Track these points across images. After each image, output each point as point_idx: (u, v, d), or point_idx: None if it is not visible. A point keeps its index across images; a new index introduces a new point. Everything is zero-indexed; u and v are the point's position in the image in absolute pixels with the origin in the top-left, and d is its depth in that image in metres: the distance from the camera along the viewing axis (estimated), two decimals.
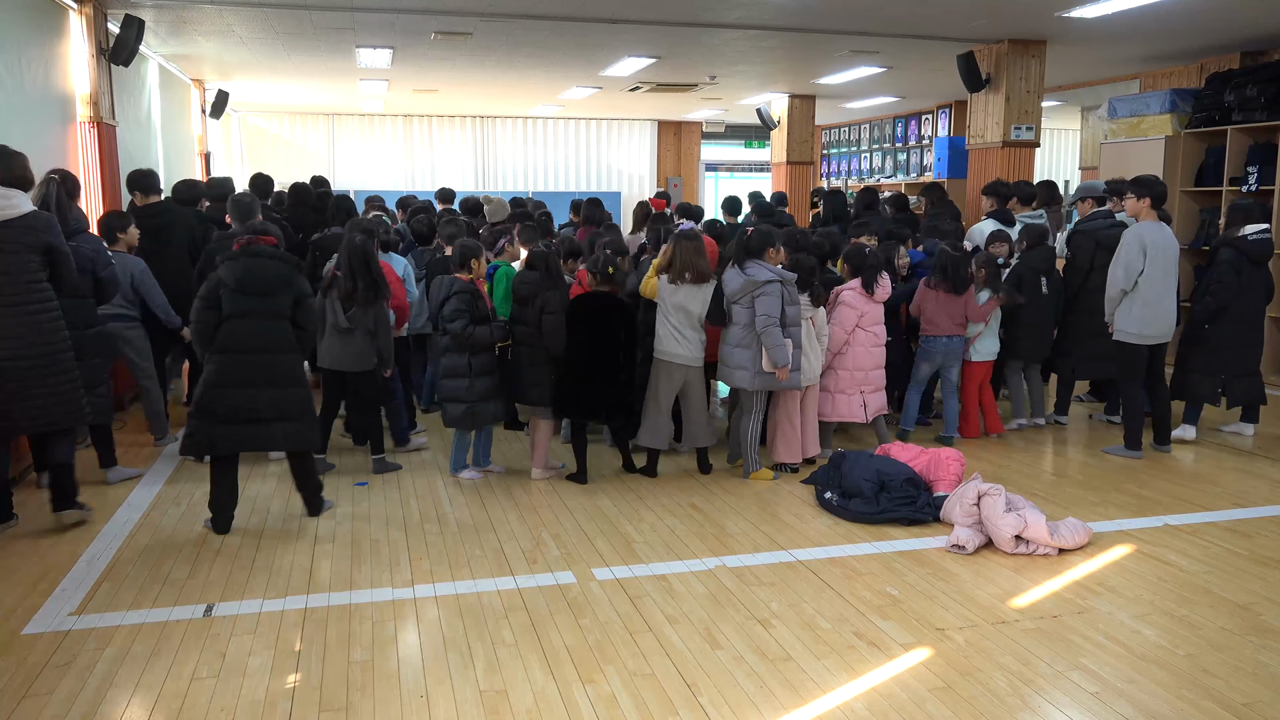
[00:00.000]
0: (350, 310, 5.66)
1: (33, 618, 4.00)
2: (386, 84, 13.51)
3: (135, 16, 8.23)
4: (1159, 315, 6.21)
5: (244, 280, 4.84)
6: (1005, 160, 9.96)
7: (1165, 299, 6.21)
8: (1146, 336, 6.23)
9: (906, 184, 15.35)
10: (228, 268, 4.88)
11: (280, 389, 4.91)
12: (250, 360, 4.84)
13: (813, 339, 5.97)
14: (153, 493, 5.64)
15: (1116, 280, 6.21)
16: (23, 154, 4.85)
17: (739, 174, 21.85)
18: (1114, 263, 6.25)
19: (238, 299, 4.84)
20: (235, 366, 4.83)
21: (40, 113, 7.02)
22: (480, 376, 5.68)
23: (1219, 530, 5.10)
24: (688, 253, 5.69)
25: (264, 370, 4.87)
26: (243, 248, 4.96)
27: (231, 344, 4.84)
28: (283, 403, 4.91)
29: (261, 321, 4.87)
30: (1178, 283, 6.39)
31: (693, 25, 9.14)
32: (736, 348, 5.72)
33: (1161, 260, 6.14)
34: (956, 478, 5.40)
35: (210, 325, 4.85)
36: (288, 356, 4.95)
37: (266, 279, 4.88)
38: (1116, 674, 3.56)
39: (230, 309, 4.84)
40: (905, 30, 9.40)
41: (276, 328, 4.91)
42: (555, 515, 5.31)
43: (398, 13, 8.61)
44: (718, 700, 3.36)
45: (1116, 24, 8.72)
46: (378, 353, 5.80)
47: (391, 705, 3.33)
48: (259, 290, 4.86)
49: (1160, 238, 6.15)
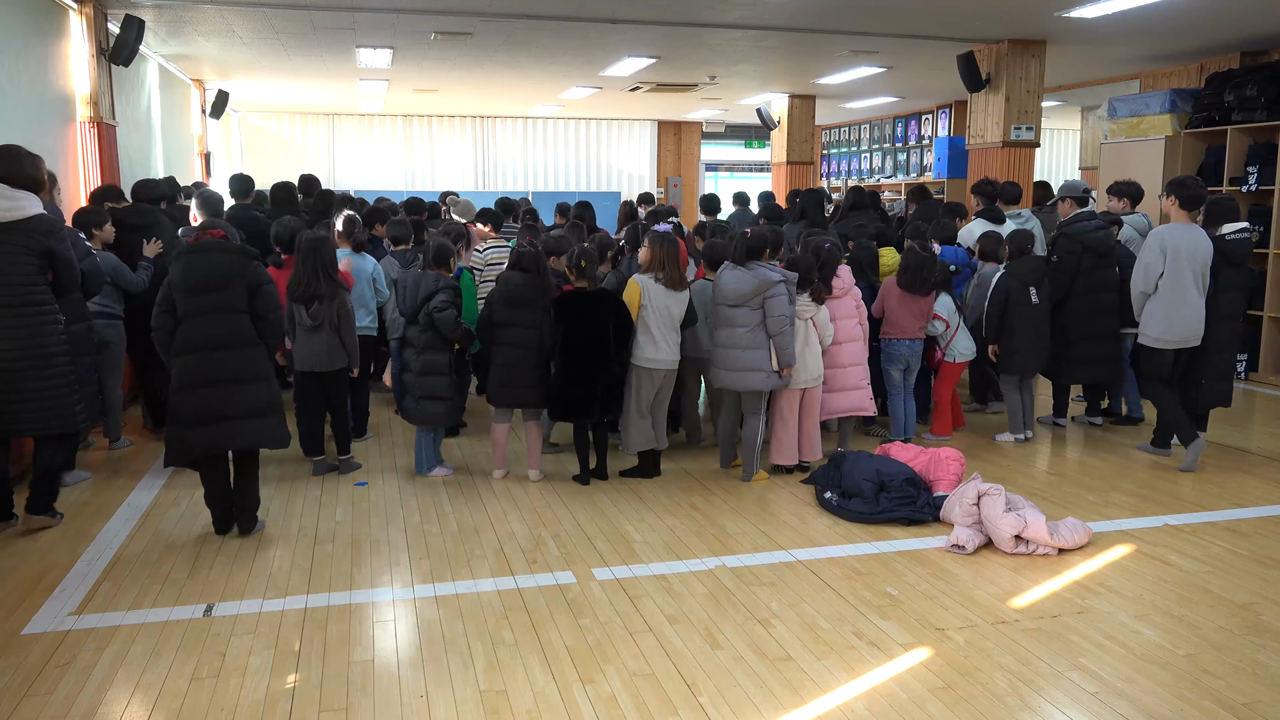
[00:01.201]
0: (313, 307, 5.67)
1: (33, 618, 4.00)
2: (386, 84, 13.51)
3: (135, 16, 8.23)
4: (1178, 319, 6.04)
5: (191, 277, 4.72)
6: (1005, 160, 9.96)
7: (1186, 302, 6.02)
8: (1165, 340, 6.08)
9: (906, 184, 15.35)
10: (175, 268, 4.79)
11: (244, 384, 4.77)
12: (209, 359, 4.72)
13: (813, 339, 5.90)
14: (152, 493, 5.65)
15: (1136, 283, 6.14)
16: (37, 155, 4.85)
17: (739, 174, 21.85)
18: (1135, 265, 6.19)
19: (188, 298, 4.73)
20: (195, 367, 4.71)
21: (40, 113, 7.02)
22: (457, 374, 5.91)
23: (1219, 530, 5.10)
24: (672, 254, 5.70)
25: (223, 367, 4.73)
26: (189, 245, 4.85)
27: (188, 345, 4.73)
28: (248, 399, 4.77)
29: (215, 317, 4.73)
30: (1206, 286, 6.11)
31: (693, 25, 9.14)
32: (747, 350, 5.62)
33: (1184, 263, 5.98)
34: (956, 478, 5.40)
35: (168, 330, 4.76)
36: (248, 350, 4.80)
37: (215, 274, 4.73)
38: (1116, 674, 3.56)
39: (183, 309, 4.74)
40: (905, 30, 9.40)
41: (231, 322, 4.76)
42: (555, 515, 5.31)
43: (398, 13, 8.61)
44: (718, 700, 3.36)
45: (1116, 24, 8.72)
46: (344, 348, 5.81)
47: (391, 705, 3.33)
48: (207, 286, 4.72)
49: (1184, 240, 6.00)
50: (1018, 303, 6.56)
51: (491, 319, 5.71)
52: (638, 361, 5.72)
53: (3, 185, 4.67)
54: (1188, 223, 6.10)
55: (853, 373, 6.20)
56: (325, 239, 5.80)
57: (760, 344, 5.59)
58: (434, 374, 5.75)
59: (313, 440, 6.03)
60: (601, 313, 5.60)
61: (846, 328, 6.17)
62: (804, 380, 5.85)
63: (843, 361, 6.17)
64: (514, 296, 5.63)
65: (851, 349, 6.20)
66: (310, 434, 6.03)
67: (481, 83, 13.46)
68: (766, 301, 5.54)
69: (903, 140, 16.56)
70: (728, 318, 5.65)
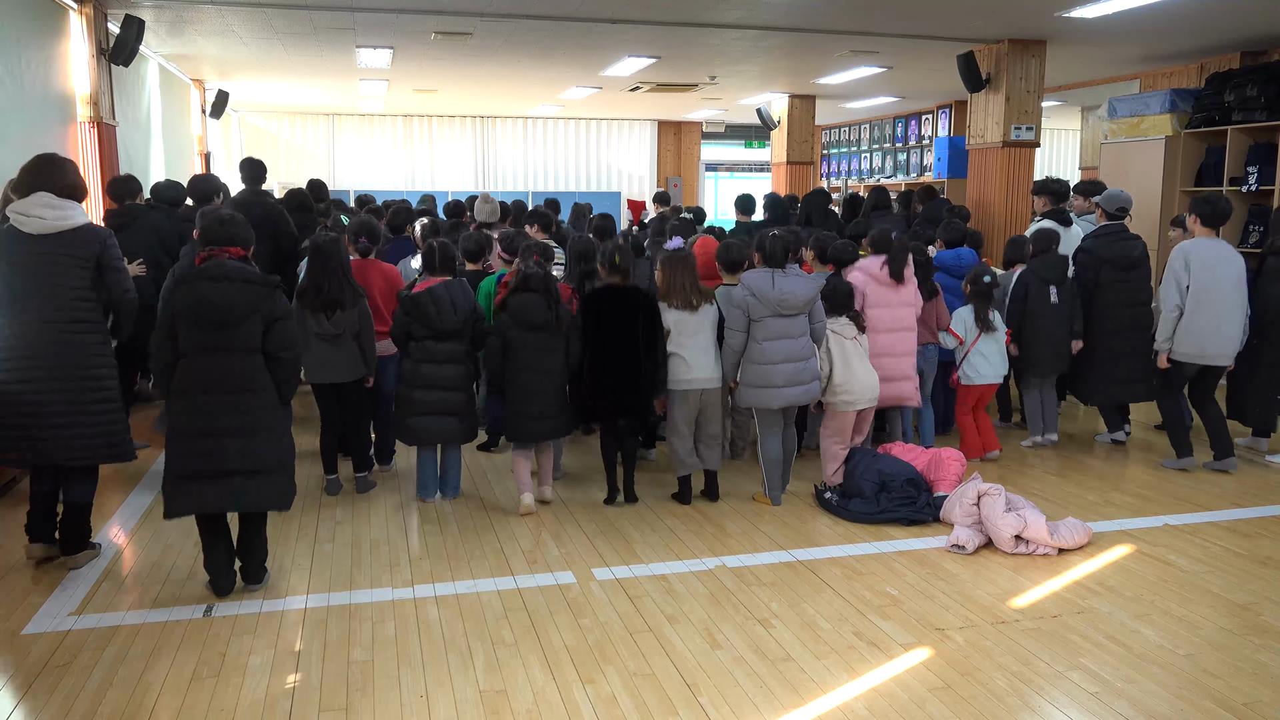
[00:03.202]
0: (334, 315, 5.26)
1: (33, 618, 4.00)
2: (386, 84, 13.51)
3: (135, 16, 8.23)
4: (1196, 334, 5.94)
5: (199, 311, 3.97)
6: (1005, 160, 9.95)
7: (1209, 318, 5.91)
8: (1185, 355, 6.00)
9: (906, 184, 15.35)
10: (180, 295, 4.04)
11: (249, 437, 4.03)
12: (211, 404, 3.99)
13: (863, 357, 5.62)
14: (153, 493, 5.64)
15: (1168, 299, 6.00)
16: (72, 161, 4.53)
17: (739, 174, 21.85)
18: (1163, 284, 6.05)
19: (192, 332, 3.99)
20: (194, 413, 3.99)
21: (40, 113, 7.02)
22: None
23: (1219, 530, 5.10)
24: (680, 277, 5.38)
25: (227, 415, 4.00)
26: (200, 266, 4.08)
27: (188, 385, 4.01)
28: (254, 452, 4.04)
29: (220, 357, 4.00)
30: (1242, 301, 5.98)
31: (693, 25, 9.14)
32: (810, 360, 5.34)
33: (1208, 278, 5.88)
34: (957, 478, 5.40)
35: (168, 363, 4.07)
36: (259, 396, 4.06)
37: (227, 308, 3.96)
38: (1116, 674, 3.56)
39: (185, 344, 4.01)
40: (905, 30, 9.40)
41: (243, 364, 4.02)
42: (555, 515, 5.31)
43: (398, 13, 8.61)
44: (718, 700, 3.36)
45: (1116, 24, 8.72)
46: (363, 356, 5.41)
47: (391, 705, 3.33)
48: (218, 322, 3.97)
49: (1208, 255, 5.92)
50: (1037, 299, 6.41)
51: (505, 347, 5.25)
52: (672, 385, 5.36)
53: (49, 194, 4.33)
54: (1212, 238, 6.01)
55: (905, 362, 6.03)
56: (339, 240, 5.46)
57: (813, 351, 5.42)
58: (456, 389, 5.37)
59: (331, 456, 5.65)
60: (631, 309, 5.29)
61: (905, 316, 6.00)
62: (871, 398, 5.60)
63: (897, 350, 5.98)
64: (529, 321, 5.21)
65: (908, 338, 6.01)
66: (330, 450, 5.64)
67: (481, 83, 13.46)
68: (813, 309, 5.37)
69: (903, 140, 16.56)
70: (784, 329, 5.25)
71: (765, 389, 5.27)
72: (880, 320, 5.93)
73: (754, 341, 5.27)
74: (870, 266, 5.99)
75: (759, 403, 5.33)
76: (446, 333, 5.27)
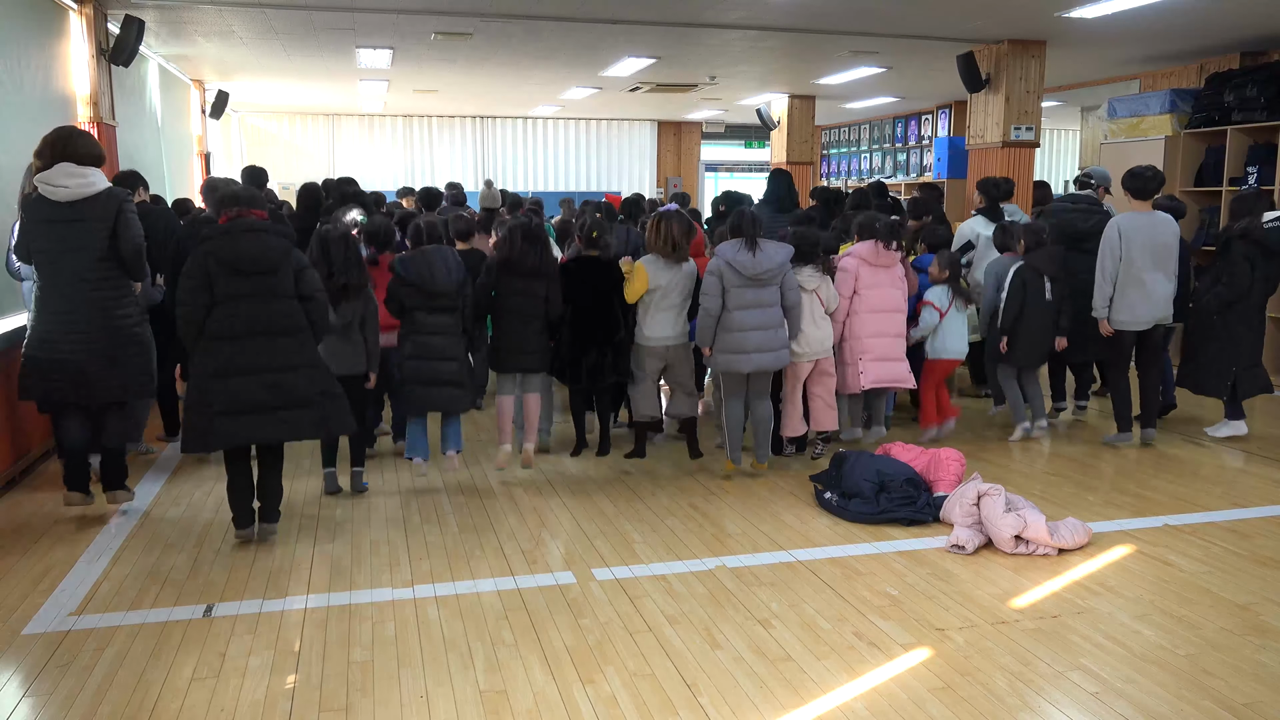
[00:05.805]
0: (340, 305, 5.30)
1: (33, 618, 4.00)
2: (386, 84, 13.52)
3: (135, 17, 8.23)
4: (1129, 302, 6.34)
5: (240, 258, 4.42)
6: (1005, 160, 9.96)
7: (1139, 285, 6.31)
8: (1121, 322, 6.39)
9: (906, 184, 15.36)
10: (216, 244, 4.44)
11: (293, 372, 4.55)
12: (254, 346, 4.47)
13: (818, 311, 5.95)
14: (153, 493, 5.64)
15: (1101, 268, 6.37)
16: (88, 133, 4.96)
17: (739, 174, 21.86)
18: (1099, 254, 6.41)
19: (232, 280, 4.42)
20: (236, 354, 4.45)
21: (40, 113, 7.02)
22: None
23: (1219, 530, 5.10)
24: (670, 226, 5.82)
25: (272, 355, 4.50)
26: (231, 221, 4.50)
27: (228, 330, 4.44)
28: (298, 387, 4.55)
29: (264, 302, 4.48)
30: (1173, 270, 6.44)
31: (693, 25, 9.15)
32: (781, 328, 5.67)
33: (1135, 247, 6.27)
34: (956, 478, 5.40)
35: (202, 308, 4.44)
36: (299, 336, 4.59)
37: (265, 256, 4.46)
38: (1116, 674, 3.56)
39: (225, 291, 4.43)
40: (905, 30, 9.41)
41: (285, 307, 4.54)
42: (555, 515, 5.31)
43: (398, 13, 8.61)
44: (718, 700, 3.36)
45: (1116, 24, 8.73)
46: (365, 349, 5.42)
47: (391, 705, 3.33)
48: (259, 269, 4.45)
49: (1136, 225, 6.30)
50: (1033, 293, 6.52)
51: (491, 286, 5.75)
52: (641, 341, 5.97)
53: (70, 164, 4.68)
54: (1145, 210, 6.39)
55: (897, 343, 6.22)
56: (347, 235, 5.48)
57: (783, 320, 5.69)
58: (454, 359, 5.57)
59: (331, 450, 5.63)
60: (610, 280, 5.90)
61: (896, 297, 6.20)
62: (818, 352, 5.97)
63: (889, 331, 6.20)
64: (518, 265, 5.67)
65: (898, 319, 6.23)
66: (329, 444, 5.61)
67: (481, 83, 13.47)
68: (786, 275, 5.62)
69: (903, 140, 16.57)
70: (755, 298, 5.56)
71: (736, 354, 5.60)
72: (871, 301, 6.17)
73: (726, 310, 5.57)
74: (861, 250, 6.22)
75: (729, 367, 5.66)
76: (439, 295, 5.45)
